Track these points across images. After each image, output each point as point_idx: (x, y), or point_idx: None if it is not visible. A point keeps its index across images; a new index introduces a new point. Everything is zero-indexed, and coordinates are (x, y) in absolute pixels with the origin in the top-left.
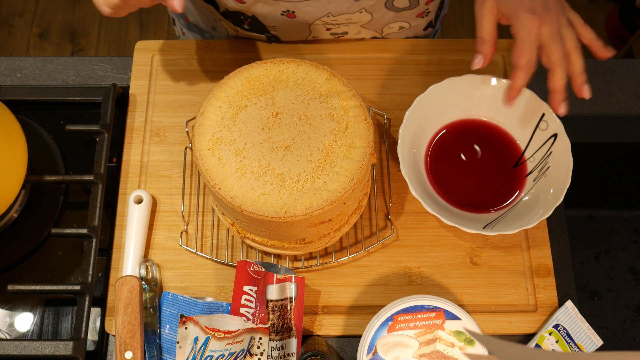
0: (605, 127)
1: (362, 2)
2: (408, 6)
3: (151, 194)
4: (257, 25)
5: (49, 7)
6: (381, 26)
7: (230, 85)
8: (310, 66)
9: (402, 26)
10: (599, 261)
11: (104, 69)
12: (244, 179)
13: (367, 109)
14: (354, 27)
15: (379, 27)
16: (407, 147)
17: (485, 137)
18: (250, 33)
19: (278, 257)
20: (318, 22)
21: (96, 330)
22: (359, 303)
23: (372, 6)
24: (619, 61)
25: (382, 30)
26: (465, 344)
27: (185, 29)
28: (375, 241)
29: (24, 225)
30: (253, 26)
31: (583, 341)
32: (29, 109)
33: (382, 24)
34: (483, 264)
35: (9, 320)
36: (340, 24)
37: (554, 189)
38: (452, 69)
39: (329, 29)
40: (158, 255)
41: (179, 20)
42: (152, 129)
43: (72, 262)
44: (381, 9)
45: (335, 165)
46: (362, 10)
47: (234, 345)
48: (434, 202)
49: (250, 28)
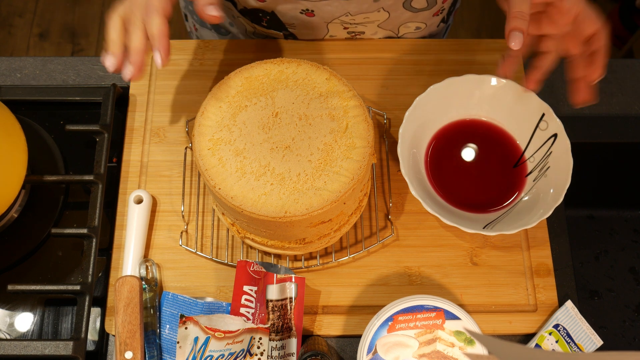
0: (605, 127)
1: (380, 2)
2: (426, 6)
3: (151, 194)
4: (275, 23)
5: (49, 7)
6: (397, 25)
7: (230, 85)
8: (310, 66)
9: (419, 26)
10: (599, 261)
11: (104, 69)
12: (244, 179)
13: (367, 109)
14: (371, 26)
15: (396, 27)
16: (407, 147)
17: (485, 137)
18: (268, 30)
19: (278, 257)
20: (336, 21)
21: (96, 330)
22: (359, 303)
23: (390, 6)
24: (619, 61)
25: (399, 30)
26: (465, 344)
27: (198, 24)
28: (375, 241)
29: (24, 225)
30: (271, 23)
31: (583, 341)
32: (29, 109)
33: (398, 23)
34: (483, 264)
35: (9, 320)
36: (357, 24)
37: (554, 189)
38: (452, 69)
39: (347, 27)
40: (158, 255)
41: (193, 16)
42: (152, 129)
43: (72, 262)
44: (399, 9)
45: (335, 165)
46: (381, 9)
47: (234, 345)
48: (434, 202)
49: (269, 25)
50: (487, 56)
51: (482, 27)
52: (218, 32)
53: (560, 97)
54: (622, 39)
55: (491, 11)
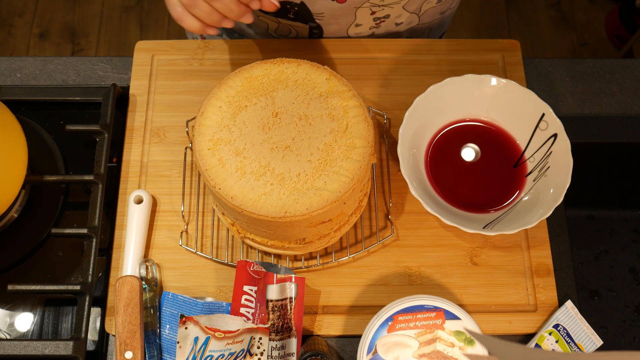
0: (605, 127)
1: None
2: None
3: (151, 194)
4: (303, 14)
5: (49, 7)
6: (421, 3)
7: (230, 85)
8: (310, 66)
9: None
10: (599, 261)
11: (104, 69)
12: (244, 179)
13: (367, 109)
14: (397, 7)
15: (419, 5)
16: (407, 147)
17: (485, 137)
18: (293, 23)
19: (278, 257)
20: (366, 4)
21: (96, 330)
22: (359, 303)
23: None
24: (619, 61)
25: (421, 9)
26: (465, 344)
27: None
28: (375, 241)
29: (24, 225)
30: (299, 15)
31: (583, 341)
32: (29, 109)
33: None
34: (483, 264)
35: (9, 320)
36: (384, 6)
37: (554, 189)
38: (452, 69)
39: (374, 12)
40: (158, 255)
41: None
42: (152, 129)
43: (72, 262)
44: None
45: (335, 165)
46: None
47: (234, 345)
48: (434, 202)
49: (295, 17)
50: (487, 56)
51: (482, 27)
52: (231, 36)
53: (560, 97)
54: (622, 39)
55: (491, 11)
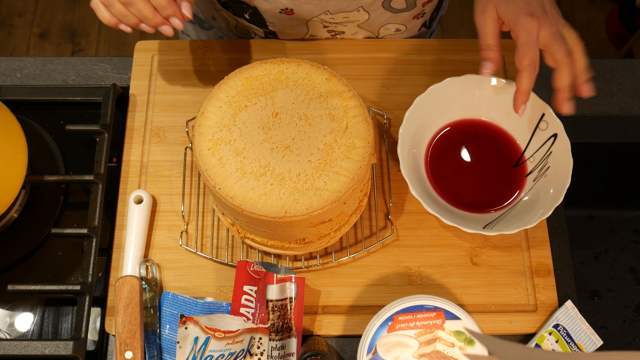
0: (605, 127)
1: (359, 1)
2: (405, 7)
3: (151, 194)
4: (257, 18)
5: (49, 7)
6: (377, 27)
7: (230, 85)
8: (310, 66)
9: (399, 28)
10: (599, 261)
11: (104, 69)
12: (244, 179)
13: (367, 109)
14: (351, 26)
15: (376, 28)
16: (407, 147)
17: (485, 137)
18: (250, 25)
19: (278, 257)
20: (316, 19)
21: (96, 330)
22: (359, 303)
23: (369, 4)
24: (619, 61)
25: (379, 32)
26: (465, 344)
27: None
28: (375, 241)
29: (24, 225)
30: (254, 17)
31: (583, 341)
32: (29, 109)
33: (378, 24)
34: (483, 264)
35: (9, 320)
36: (337, 23)
37: (554, 189)
38: (452, 69)
39: (327, 26)
40: (158, 255)
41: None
42: (152, 129)
43: (72, 262)
44: (379, 9)
45: (335, 165)
46: (360, 8)
47: (234, 345)
48: (434, 202)
49: (251, 19)
50: None
51: None
52: (201, 26)
53: None
54: (622, 39)
55: None
